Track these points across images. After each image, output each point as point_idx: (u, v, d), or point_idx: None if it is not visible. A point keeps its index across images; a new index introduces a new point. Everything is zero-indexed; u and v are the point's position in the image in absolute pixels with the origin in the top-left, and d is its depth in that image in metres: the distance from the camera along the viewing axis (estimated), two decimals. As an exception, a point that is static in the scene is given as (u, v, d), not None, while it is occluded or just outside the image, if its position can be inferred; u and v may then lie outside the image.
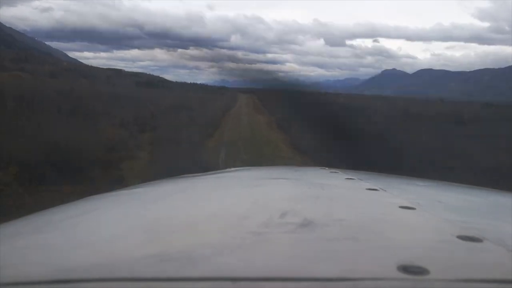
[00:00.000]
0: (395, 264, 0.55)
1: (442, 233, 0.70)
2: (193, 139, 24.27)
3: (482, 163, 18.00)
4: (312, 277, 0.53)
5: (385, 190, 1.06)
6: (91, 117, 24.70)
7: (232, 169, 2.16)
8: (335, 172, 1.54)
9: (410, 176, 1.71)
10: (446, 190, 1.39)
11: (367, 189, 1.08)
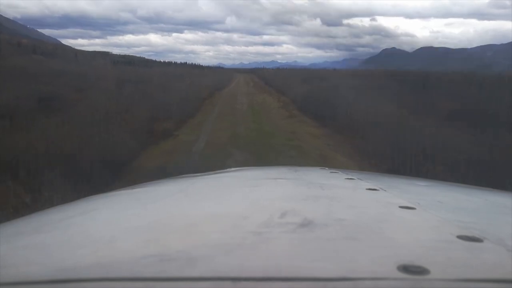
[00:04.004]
0: (395, 263, 0.55)
1: (442, 233, 0.71)
2: (116, 148, 10.07)
3: None
4: (312, 277, 0.53)
5: (385, 190, 1.09)
6: None
7: (232, 169, 2.05)
8: (335, 172, 1.53)
9: (410, 176, 1.67)
10: (446, 190, 1.39)
11: (367, 189, 1.11)
